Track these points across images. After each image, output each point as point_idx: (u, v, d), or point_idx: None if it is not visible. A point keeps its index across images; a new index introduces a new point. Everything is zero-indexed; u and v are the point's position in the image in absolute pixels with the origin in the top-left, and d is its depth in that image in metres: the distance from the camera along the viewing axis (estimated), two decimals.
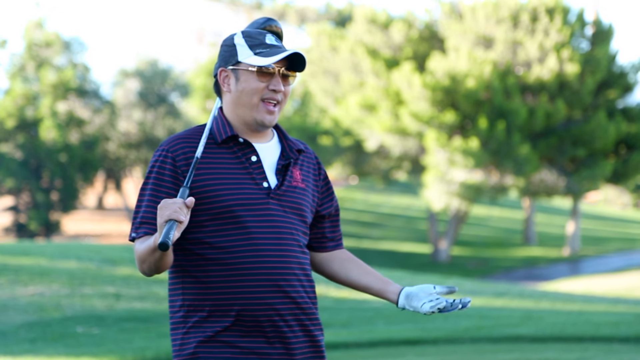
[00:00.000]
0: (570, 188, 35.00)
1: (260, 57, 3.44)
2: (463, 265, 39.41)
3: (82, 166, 47.50)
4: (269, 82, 3.45)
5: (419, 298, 3.47)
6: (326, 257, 3.68)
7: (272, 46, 3.47)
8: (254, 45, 3.46)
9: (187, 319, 3.42)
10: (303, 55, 3.47)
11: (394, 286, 3.56)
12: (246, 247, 3.37)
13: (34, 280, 15.29)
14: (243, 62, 3.46)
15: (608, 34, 35.15)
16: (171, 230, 3.15)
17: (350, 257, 3.68)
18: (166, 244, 3.13)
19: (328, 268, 3.68)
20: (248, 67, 3.45)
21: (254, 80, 3.45)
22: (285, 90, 3.47)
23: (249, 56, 3.45)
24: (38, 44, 48.84)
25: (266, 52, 3.45)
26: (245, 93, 3.45)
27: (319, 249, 3.67)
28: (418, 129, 33.84)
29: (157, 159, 3.44)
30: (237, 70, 3.47)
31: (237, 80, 3.47)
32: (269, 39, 3.49)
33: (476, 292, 19.26)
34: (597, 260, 40.31)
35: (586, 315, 14.43)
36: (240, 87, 3.46)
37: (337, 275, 3.67)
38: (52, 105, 47.15)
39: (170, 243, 3.14)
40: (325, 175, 3.67)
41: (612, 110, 35.17)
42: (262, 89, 3.45)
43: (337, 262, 3.67)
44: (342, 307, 14.74)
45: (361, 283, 3.63)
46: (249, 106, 3.46)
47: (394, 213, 54.48)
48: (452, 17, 35.55)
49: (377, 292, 3.60)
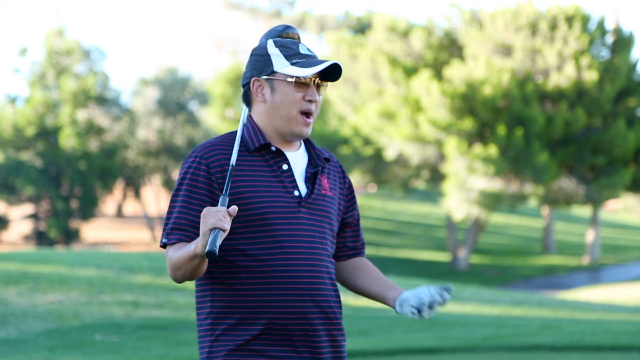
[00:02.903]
0: (589, 196, 34.86)
1: (298, 68, 3.43)
2: (482, 273, 39.31)
3: (101, 174, 47.68)
4: (305, 93, 3.45)
5: (408, 302, 3.44)
6: (339, 265, 3.69)
7: (308, 56, 3.47)
8: (290, 55, 3.45)
9: (215, 326, 3.41)
10: (340, 65, 3.46)
11: (394, 292, 3.53)
12: (278, 256, 3.38)
13: (53, 288, 15.34)
14: (279, 72, 3.45)
15: (629, 42, 35.03)
16: (217, 238, 3.15)
17: (361, 264, 3.68)
18: (214, 252, 3.13)
19: (339, 275, 3.69)
20: (286, 77, 3.44)
21: (292, 91, 3.44)
22: (318, 101, 3.48)
23: (285, 66, 3.44)
24: (58, 52, 49.07)
25: (303, 62, 3.44)
26: (283, 104, 3.45)
27: (340, 257, 3.68)
28: (437, 137, 33.80)
29: (191, 166, 3.43)
30: (272, 80, 3.46)
31: (273, 91, 3.46)
32: (303, 49, 3.48)
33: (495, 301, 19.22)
34: (617, 268, 40.12)
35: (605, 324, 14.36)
36: (278, 98, 3.46)
37: (346, 283, 3.69)
38: (71, 113, 47.36)
39: (217, 251, 3.15)
40: (350, 183, 3.68)
41: (632, 118, 35.03)
42: (300, 100, 3.44)
43: (347, 270, 3.68)
44: (360, 315, 14.73)
45: (366, 290, 3.63)
46: (286, 118, 3.46)
47: (413, 221, 54.41)
48: (472, 24, 35.51)
49: (380, 299, 3.59)
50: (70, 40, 49.40)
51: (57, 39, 49.46)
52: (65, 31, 49.84)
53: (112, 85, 52.03)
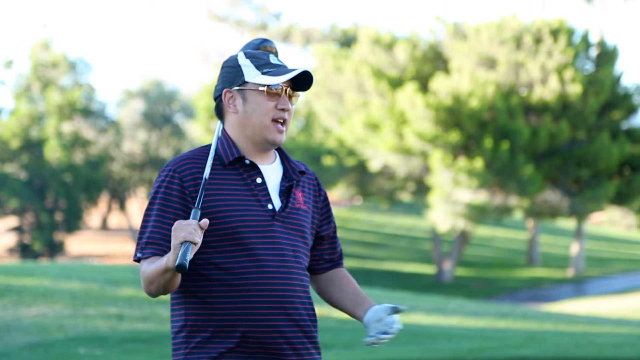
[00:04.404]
0: (574, 209, 34.96)
1: (269, 77, 3.44)
2: (467, 286, 39.34)
3: (86, 186, 47.55)
4: (277, 102, 3.45)
5: (369, 328, 3.46)
6: (318, 277, 3.69)
7: (279, 65, 3.48)
8: (260, 65, 3.47)
9: (189, 339, 3.41)
10: (311, 73, 3.47)
11: (361, 310, 3.55)
12: (252, 269, 3.37)
13: (37, 301, 15.28)
14: (251, 82, 3.45)
15: (613, 56, 35.20)
16: (187, 252, 3.15)
17: (335, 278, 3.67)
18: (184, 265, 3.13)
19: (317, 288, 3.69)
20: (257, 86, 3.44)
21: (264, 100, 3.45)
22: (291, 110, 3.48)
23: (256, 76, 3.45)
24: (44, 64, 49.00)
25: (274, 71, 3.45)
26: (255, 114, 3.45)
27: (316, 270, 3.67)
28: (422, 149, 33.86)
29: (164, 179, 3.43)
30: (244, 91, 3.46)
31: (245, 101, 3.46)
32: (274, 59, 3.50)
33: (480, 313, 19.24)
34: (602, 281, 40.21)
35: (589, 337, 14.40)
36: (250, 108, 3.46)
37: (323, 296, 3.70)
38: (57, 126, 47.25)
39: (188, 265, 3.14)
40: (325, 196, 3.67)
41: (616, 131, 35.18)
42: (272, 109, 3.45)
43: (323, 284, 3.68)
44: (344, 328, 14.72)
45: (339, 305, 3.64)
46: (259, 127, 3.46)
47: (398, 233, 54.43)
48: (456, 37, 35.62)
49: (352, 316, 3.60)
50: (56, 53, 49.34)
51: (42, 51, 49.38)
52: (51, 43, 49.77)
53: (97, 97, 51.95)
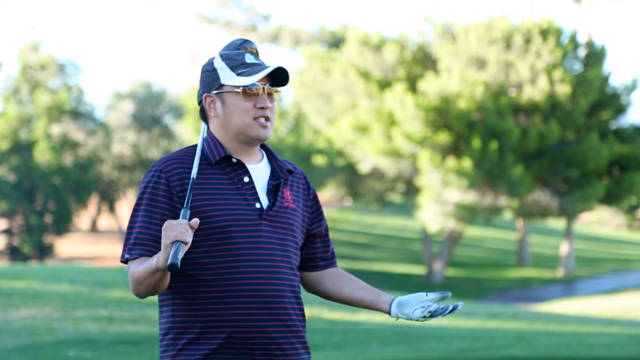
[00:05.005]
0: (563, 209, 35.01)
1: (244, 77, 3.42)
2: (457, 286, 39.36)
3: (75, 189, 47.45)
4: (255, 101, 3.43)
5: (410, 305, 3.44)
6: (318, 276, 3.66)
7: (253, 65, 3.46)
8: (235, 66, 3.45)
9: (176, 340, 3.39)
10: (285, 68, 3.45)
11: (386, 296, 3.53)
12: (238, 269, 3.36)
13: (27, 303, 15.24)
14: (227, 85, 3.44)
15: (601, 56, 35.27)
16: (179, 251, 3.13)
17: (341, 272, 3.66)
18: (176, 265, 3.11)
19: (320, 286, 3.66)
20: (233, 88, 3.43)
21: (241, 101, 3.43)
22: (272, 107, 3.46)
23: (231, 78, 3.44)
24: (33, 66, 48.90)
25: (248, 71, 3.44)
26: (235, 115, 3.44)
27: (311, 268, 3.66)
28: (411, 150, 33.86)
29: (151, 180, 3.42)
30: (222, 94, 3.45)
31: (224, 104, 3.45)
32: (249, 58, 3.48)
33: (470, 314, 19.25)
34: (591, 281, 40.29)
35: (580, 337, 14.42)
36: (229, 110, 3.44)
37: (330, 292, 3.66)
38: (46, 128, 47.16)
39: (179, 264, 3.13)
40: (314, 195, 3.66)
41: (605, 131, 35.24)
42: (251, 109, 3.43)
43: (329, 279, 3.66)
44: (335, 328, 14.70)
45: (353, 297, 3.61)
46: (242, 126, 3.44)
47: (388, 234, 54.44)
48: (445, 38, 35.65)
49: (370, 303, 3.56)
50: (45, 55, 49.26)
51: (31, 53, 49.29)
52: (39, 46, 49.68)
53: (86, 99, 51.85)
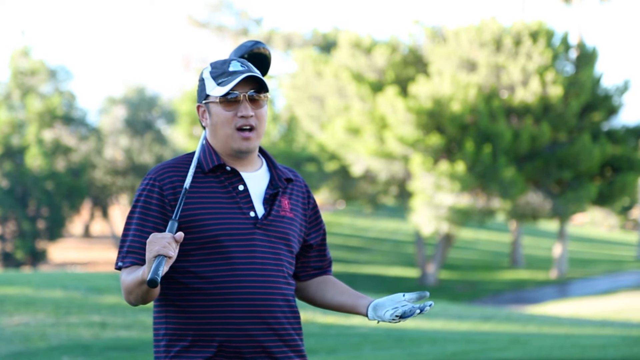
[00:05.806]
0: (556, 210, 35.04)
1: (221, 87, 3.42)
2: (451, 289, 39.37)
3: (68, 194, 47.37)
4: (236, 110, 3.43)
5: (384, 307, 3.43)
6: (305, 284, 3.67)
7: (233, 73, 3.44)
8: (217, 75, 3.45)
9: (169, 348, 3.40)
10: (259, 75, 3.44)
11: (365, 300, 3.53)
12: (231, 278, 3.36)
13: (19, 309, 15.20)
14: (210, 95, 3.45)
15: (592, 57, 35.31)
16: (160, 266, 3.14)
17: (326, 279, 3.67)
18: (155, 280, 3.12)
19: (306, 293, 3.68)
20: (215, 99, 3.44)
21: (222, 111, 3.43)
22: (258, 114, 3.44)
23: (213, 88, 3.45)
24: (24, 72, 48.83)
25: (226, 80, 3.43)
26: (218, 125, 3.45)
27: (303, 277, 3.66)
28: (403, 153, 33.87)
29: (145, 188, 3.42)
30: (208, 104, 3.47)
31: (210, 114, 3.47)
32: (233, 66, 3.46)
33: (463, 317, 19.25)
34: (585, 282, 40.32)
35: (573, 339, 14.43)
36: (214, 120, 3.46)
37: (315, 299, 3.66)
38: (38, 133, 47.08)
39: (160, 280, 3.13)
40: (314, 204, 3.65)
41: (597, 132, 35.29)
42: (232, 118, 3.43)
43: (314, 287, 3.67)
44: (328, 333, 14.70)
45: (335, 303, 3.62)
46: (224, 137, 3.44)
47: (381, 237, 54.45)
48: (436, 41, 35.68)
49: (350, 308, 3.57)
50: (36, 60, 49.18)
51: (22, 59, 49.22)
52: (30, 51, 49.61)
53: (78, 104, 51.80)
